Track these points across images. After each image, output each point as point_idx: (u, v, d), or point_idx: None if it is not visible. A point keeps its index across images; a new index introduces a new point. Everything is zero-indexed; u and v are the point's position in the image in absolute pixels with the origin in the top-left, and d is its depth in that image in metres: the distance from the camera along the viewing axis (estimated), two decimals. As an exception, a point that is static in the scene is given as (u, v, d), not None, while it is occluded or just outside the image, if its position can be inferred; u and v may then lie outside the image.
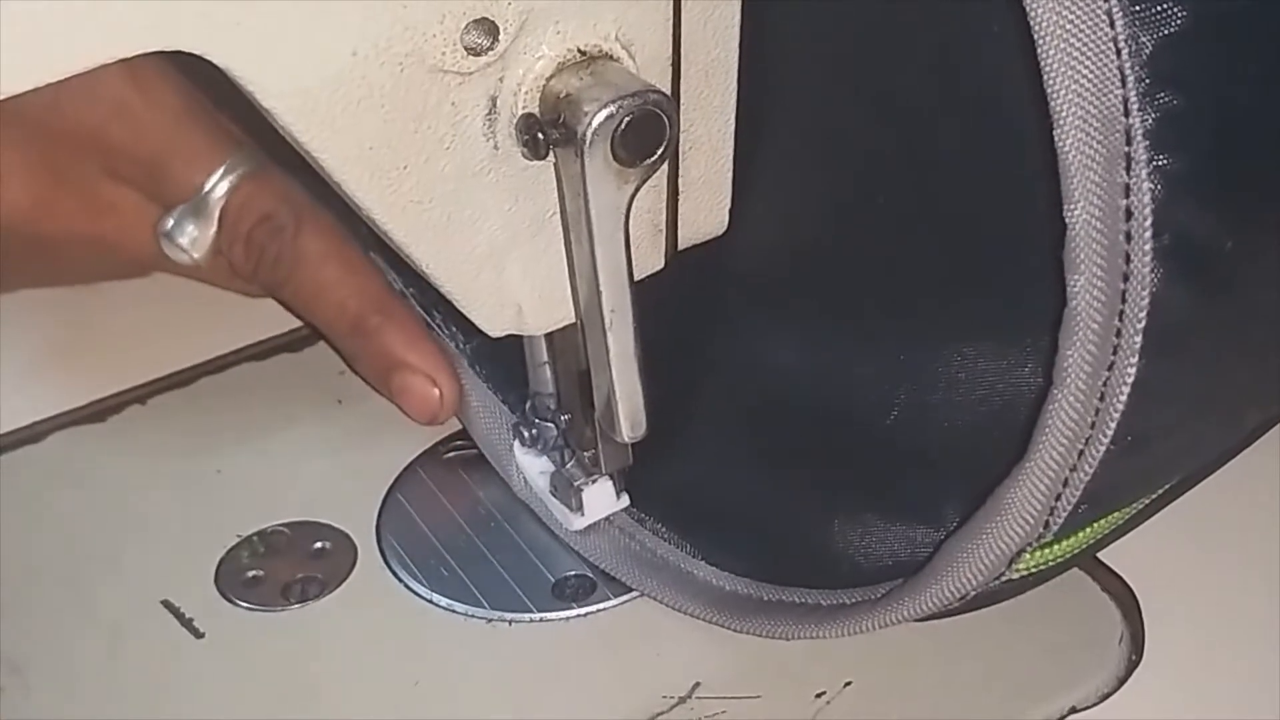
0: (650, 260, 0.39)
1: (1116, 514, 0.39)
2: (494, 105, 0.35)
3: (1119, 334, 0.32)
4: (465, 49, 0.33)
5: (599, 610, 0.45)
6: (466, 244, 0.37)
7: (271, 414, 0.53)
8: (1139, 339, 0.32)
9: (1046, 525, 0.36)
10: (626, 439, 0.40)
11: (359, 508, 0.48)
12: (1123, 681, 0.42)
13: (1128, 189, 0.31)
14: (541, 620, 0.44)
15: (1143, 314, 0.32)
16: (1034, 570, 0.38)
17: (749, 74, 0.38)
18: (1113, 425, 0.33)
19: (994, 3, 0.33)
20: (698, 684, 0.42)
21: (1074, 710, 0.41)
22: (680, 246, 0.40)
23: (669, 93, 0.36)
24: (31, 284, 0.55)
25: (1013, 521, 0.36)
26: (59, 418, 0.53)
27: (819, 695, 0.41)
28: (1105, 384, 0.33)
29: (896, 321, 0.43)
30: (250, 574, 0.46)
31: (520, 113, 0.35)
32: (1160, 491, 0.41)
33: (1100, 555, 0.45)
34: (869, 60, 0.40)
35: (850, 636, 0.41)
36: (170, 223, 0.50)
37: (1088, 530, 0.39)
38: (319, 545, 0.47)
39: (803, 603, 0.42)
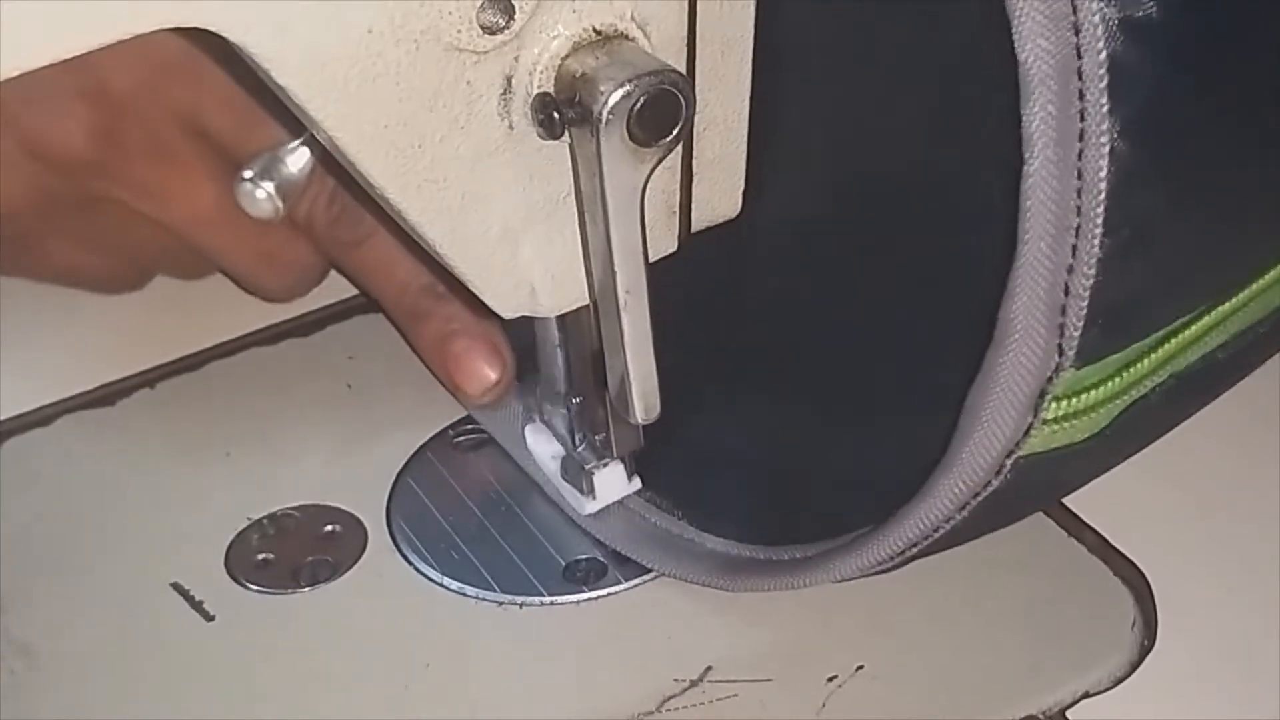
0: (664, 242, 0.39)
1: (1146, 361, 0.37)
2: (509, 84, 0.34)
3: (1082, 95, 0.31)
4: (481, 27, 0.33)
5: (610, 594, 0.45)
6: (481, 224, 0.36)
7: (281, 398, 0.53)
8: (1105, 101, 0.31)
9: (1061, 351, 0.34)
10: (641, 420, 0.40)
11: (369, 491, 0.48)
12: (1135, 666, 0.42)
13: None
14: (552, 603, 0.44)
15: (1102, 70, 0.31)
16: (1074, 435, 0.36)
17: (764, 56, 0.38)
18: (1100, 208, 0.32)
19: None
20: (709, 667, 0.42)
21: (1086, 695, 0.41)
22: (694, 229, 0.40)
23: (684, 72, 0.36)
24: (27, 243, 0.53)
25: (1022, 344, 0.34)
26: (67, 401, 0.52)
27: (831, 679, 0.41)
28: (1080, 156, 0.32)
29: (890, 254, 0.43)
30: (260, 557, 0.46)
31: (536, 92, 0.35)
32: (1195, 341, 0.37)
33: (1112, 540, 0.45)
34: (883, 39, 0.40)
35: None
36: (256, 167, 0.47)
37: (1121, 376, 0.36)
38: (329, 528, 0.47)
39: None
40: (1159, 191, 0.33)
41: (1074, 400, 0.35)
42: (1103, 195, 0.32)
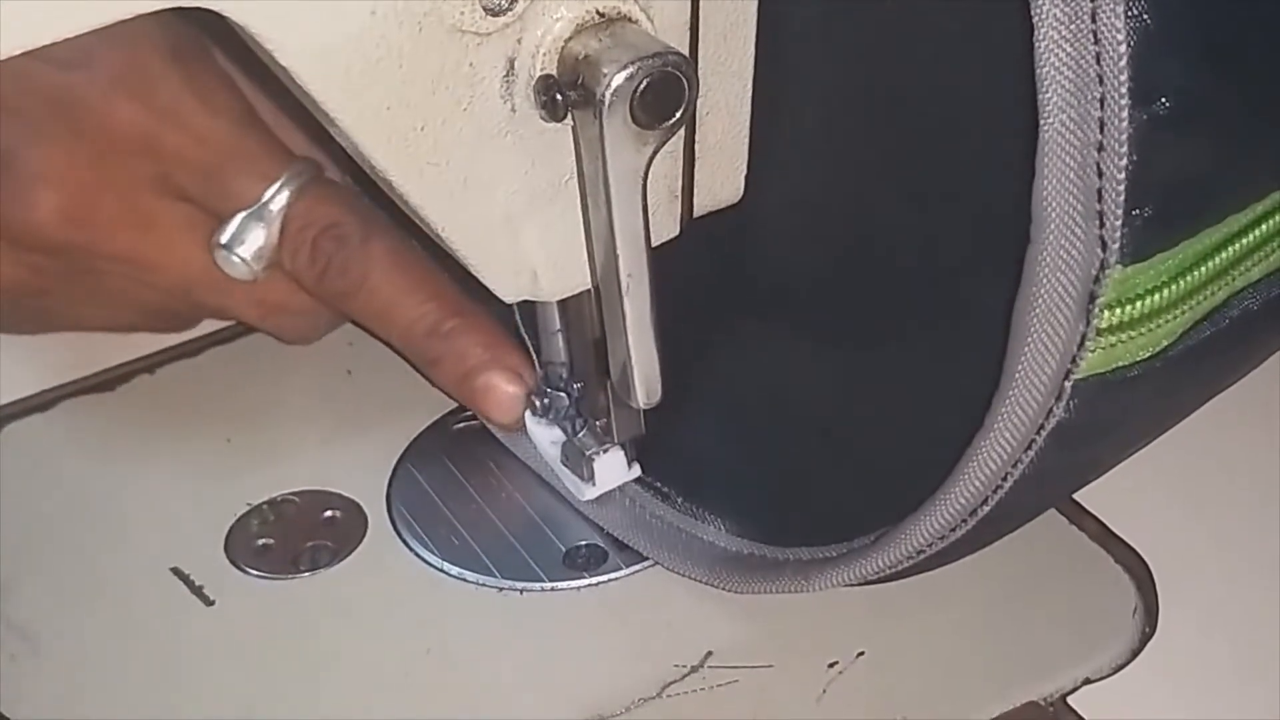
0: (666, 226, 0.39)
1: (1204, 268, 0.34)
2: (512, 67, 0.34)
3: None
4: (484, 9, 0.33)
5: (610, 579, 0.44)
6: (483, 207, 0.36)
7: (281, 383, 0.53)
8: None
9: (1104, 244, 0.31)
10: (642, 405, 0.40)
11: (369, 476, 0.48)
12: (1136, 653, 0.42)
13: None
14: (553, 589, 0.44)
15: None
16: (1135, 351, 0.33)
17: (766, 45, 0.38)
18: (1124, 74, 0.29)
19: None
20: (710, 653, 0.42)
21: (1087, 681, 0.41)
22: (696, 213, 0.40)
23: (687, 55, 0.36)
24: (56, 314, 0.51)
25: (1059, 236, 0.31)
26: (67, 386, 0.52)
27: (831, 665, 0.41)
28: (1094, 17, 0.29)
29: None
30: (260, 542, 0.46)
31: (538, 74, 0.35)
32: (1254, 250, 0.34)
33: (1114, 527, 0.45)
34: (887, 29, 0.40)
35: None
36: (228, 234, 0.47)
37: (1178, 283, 0.33)
38: (329, 514, 0.47)
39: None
40: (1192, 57, 0.31)
41: (1129, 308, 0.33)
42: (1124, 59, 0.29)
